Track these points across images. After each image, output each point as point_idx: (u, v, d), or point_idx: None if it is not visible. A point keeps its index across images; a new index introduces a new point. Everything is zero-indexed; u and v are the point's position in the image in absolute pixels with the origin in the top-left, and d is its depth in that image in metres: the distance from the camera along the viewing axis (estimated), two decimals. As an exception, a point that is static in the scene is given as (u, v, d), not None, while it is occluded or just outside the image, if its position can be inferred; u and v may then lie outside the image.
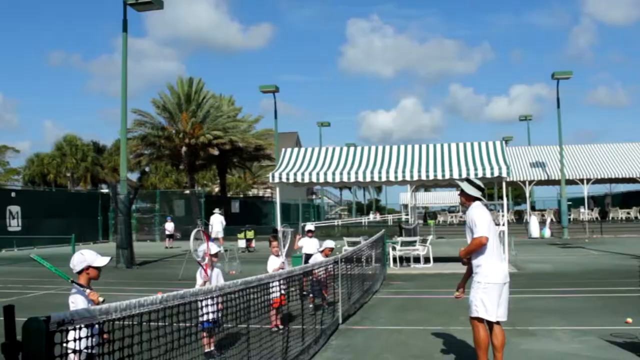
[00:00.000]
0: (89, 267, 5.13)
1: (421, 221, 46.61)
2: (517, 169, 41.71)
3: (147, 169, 66.57)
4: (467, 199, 6.90)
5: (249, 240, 29.37)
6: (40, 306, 12.41)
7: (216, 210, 30.99)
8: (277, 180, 19.40)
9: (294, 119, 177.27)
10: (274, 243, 9.94)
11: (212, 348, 7.49)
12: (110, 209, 43.99)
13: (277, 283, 8.19)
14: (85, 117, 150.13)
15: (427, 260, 19.40)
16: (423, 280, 16.41)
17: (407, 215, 51.48)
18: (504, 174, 17.80)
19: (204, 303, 6.16)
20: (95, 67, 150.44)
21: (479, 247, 6.52)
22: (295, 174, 19.35)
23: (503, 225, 18.28)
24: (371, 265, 15.06)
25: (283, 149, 21.55)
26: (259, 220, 51.68)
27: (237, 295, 5.98)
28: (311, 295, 10.65)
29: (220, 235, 28.74)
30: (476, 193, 6.84)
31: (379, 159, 19.76)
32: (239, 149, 48.87)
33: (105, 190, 49.07)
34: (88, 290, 4.95)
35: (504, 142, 19.98)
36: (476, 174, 17.73)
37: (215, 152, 46.74)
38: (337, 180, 19.23)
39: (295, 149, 21.15)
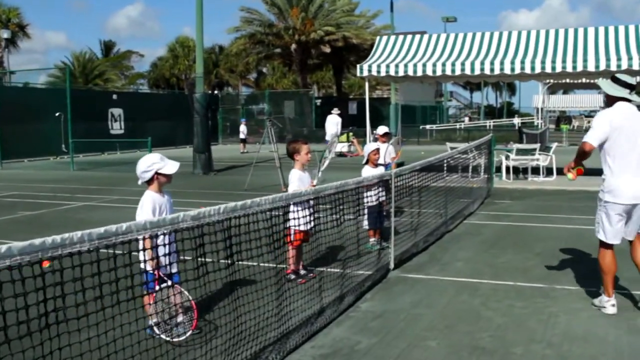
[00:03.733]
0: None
1: (553, 126, 41.66)
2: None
3: (264, 69, 64.75)
4: (609, 100, 5.46)
5: (350, 144, 26.59)
6: (49, 222, 10.45)
7: (334, 111, 28.19)
8: (365, 73, 16.26)
9: (424, 20, 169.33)
10: (304, 147, 6.77)
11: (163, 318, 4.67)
12: (219, 110, 42.62)
13: (297, 209, 5.55)
14: (221, 23, 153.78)
15: (549, 172, 15.76)
16: (538, 198, 12.89)
17: (540, 119, 46.49)
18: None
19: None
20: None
21: (580, 154, 5.39)
22: (388, 66, 16.07)
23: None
24: (469, 178, 11.87)
25: (378, 37, 18.18)
26: (377, 123, 48.60)
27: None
28: (366, 225, 7.66)
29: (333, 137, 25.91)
30: (619, 92, 5.34)
31: (493, 47, 16.02)
32: (354, 46, 45.27)
33: (216, 92, 47.52)
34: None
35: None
36: (630, 64, 13.73)
37: (327, 49, 43.60)
38: (439, 73, 15.78)
39: (393, 37, 17.71)
